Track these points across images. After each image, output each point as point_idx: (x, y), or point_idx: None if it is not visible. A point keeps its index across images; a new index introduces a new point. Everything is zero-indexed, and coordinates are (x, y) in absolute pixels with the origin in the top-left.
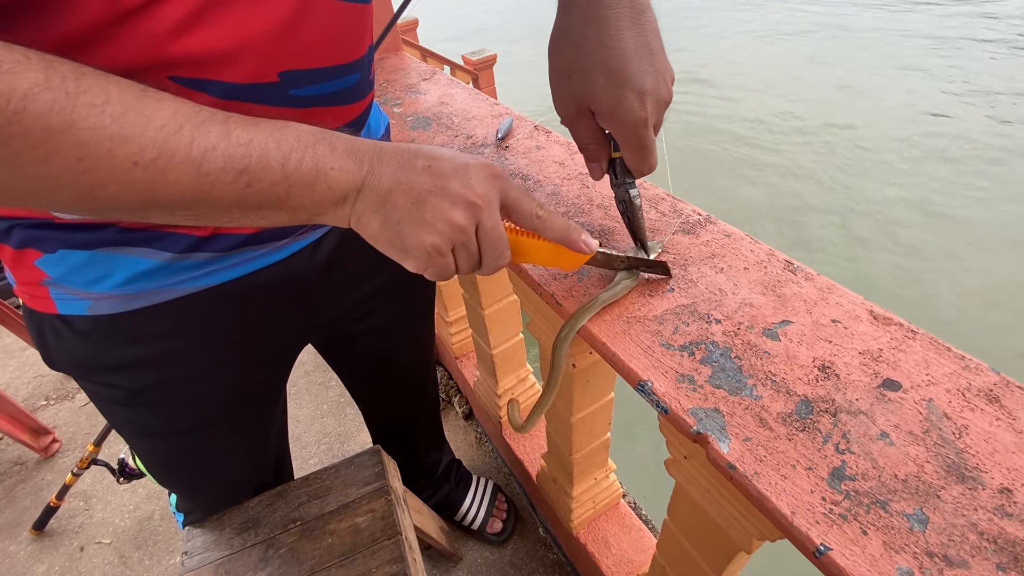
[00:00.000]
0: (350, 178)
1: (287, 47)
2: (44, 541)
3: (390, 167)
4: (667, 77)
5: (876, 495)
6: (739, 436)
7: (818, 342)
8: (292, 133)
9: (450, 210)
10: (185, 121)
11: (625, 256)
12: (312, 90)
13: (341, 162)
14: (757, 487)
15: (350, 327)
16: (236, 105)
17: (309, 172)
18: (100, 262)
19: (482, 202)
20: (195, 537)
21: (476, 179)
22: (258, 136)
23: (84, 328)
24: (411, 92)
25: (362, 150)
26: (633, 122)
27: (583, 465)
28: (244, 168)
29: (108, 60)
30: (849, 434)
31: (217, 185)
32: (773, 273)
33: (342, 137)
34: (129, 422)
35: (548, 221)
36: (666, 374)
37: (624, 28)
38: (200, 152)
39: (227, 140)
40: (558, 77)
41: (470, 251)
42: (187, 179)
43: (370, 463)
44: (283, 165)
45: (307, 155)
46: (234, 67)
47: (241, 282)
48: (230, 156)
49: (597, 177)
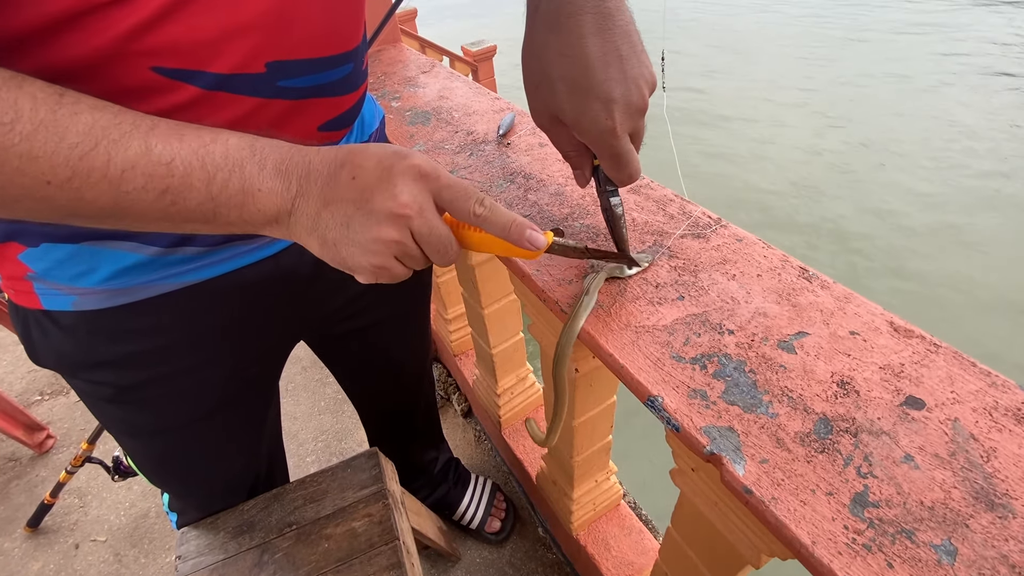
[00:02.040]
0: (279, 201)
1: (274, 37)
2: (39, 538)
3: (317, 185)
4: (641, 83)
5: (901, 524)
6: (755, 457)
7: (836, 355)
8: (220, 149)
9: (378, 229)
10: (102, 137)
11: (584, 247)
12: (301, 81)
13: (269, 183)
14: (775, 514)
15: (343, 325)
16: (221, 96)
17: (236, 194)
18: (85, 256)
19: (410, 211)
20: (189, 541)
21: (401, 186)
22: (182, 153)
23: (69, 324)
24: (410, 85)
25: (291, 167)
26: (599, 133)
27: (584, 468)
28: (166, 188)
29: (83, 49)
30: (871, 456)
31: (139, 203)
32: (788, 281)
33: (274, 151)
34: (118, 420)
35: (488, 219)
36: (677, 389)
37: (587, 35)
38: (117, 171)
39: (147, 158)
40: (528, 87)
41: (414, 256)
42: (106, 197)
43: (367, 466)
44: (208, 186)
45: (233, 176)
46: (218, 57)
47: (230, 278)
48: (151, 175)
49: (582, 184)
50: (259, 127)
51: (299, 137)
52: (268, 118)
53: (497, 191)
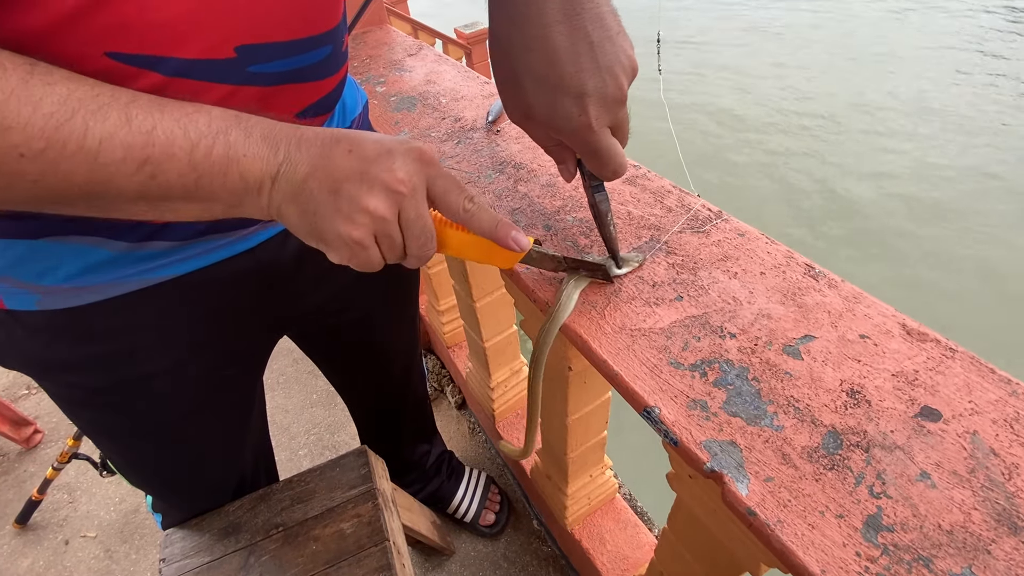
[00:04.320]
0: (264, 166)
1: (243, 18)
2: (28, 535)
3: (308, 153)
4: (617, 71)
5: (918, 550)
6: (759, 475)
7: (845, 361)
8: (203, 118)
9: (367, 197)
10: (79, 107)
11: (562, 257)
12: (274, 66)
13: (255, 149)
14: (781, 538)
15: (327, 320)
16: (187, 84)
17: (220, 160)
18: (45, 253)
19: (405, 188)
20: (173, 543)
21: (400, 163)
22: (163, 122)
23: (34, 324)
24: (395, 69)
25: (279, 136)
26: (573, 130)
27: (578, 463)
28: (146, 158)
29: (24, 31)
30: (884, 474)
31: (117, 176)
32: (793, 279)
33: (261, 122)
34: (92, 422)
35: (476, 215)
36: (675, 399)
37: (551, 24)
38: (95, 141)
39: (127, 127)
40: (497, 84)
41: (394, 240)
42: (81, 170)
43: (356, 464)
44: (191, 154)
45: (218, 142)
46: (181, 41)
47: (204, 273)
48: (130, 145)
49: (568, 179)
50: None
51: None
52: (240, 106)
53: (486, 181)
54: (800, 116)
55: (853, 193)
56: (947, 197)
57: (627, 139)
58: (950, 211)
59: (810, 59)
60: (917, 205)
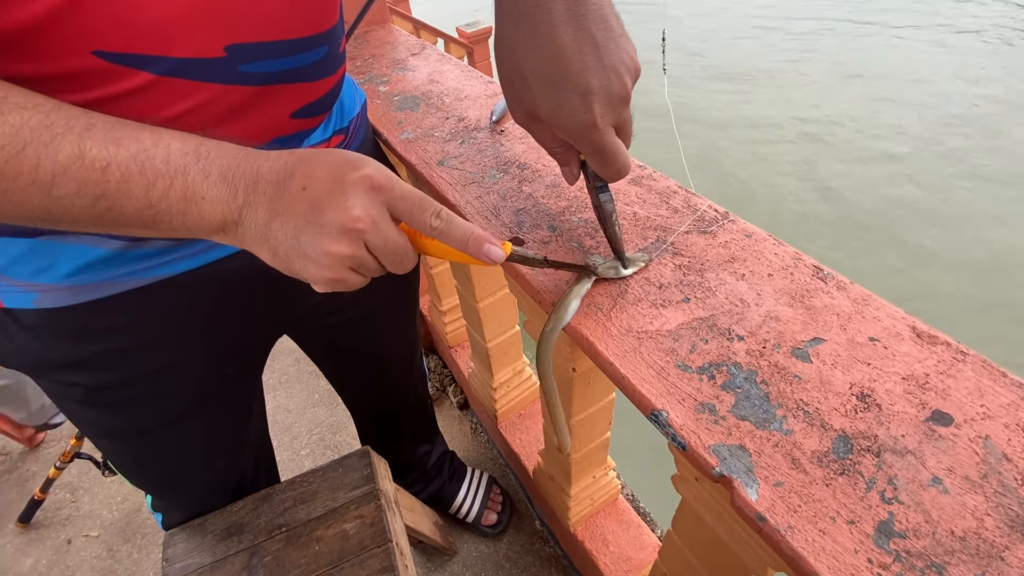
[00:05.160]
0: (224, 210)
1: (234, 18)
2: (31, 534)
3: (265, 195)
4: (621, 70)
5: (931, 557)
6: (769, 480)
7: (855, 364)
8: (160, 154)
9: (328, 243)
10: (31, 138)
11: (543, 258)
12: (265, 66)
13: (214, 191)
14: (791, 544)
15: (326, 319)
16: (177, 83)
17: (178, 200)
18: (43, 251)
19: (363, 224)
20: (176, 544)
21: (353, 199)
22: (119, 157)
23: (32, 323)
24: (399, 69)
25: (238, 175)
26: (578, 128)
27: (581, 465)
28: (101, 194)
29: (10, 28)
30: (896, 479)
31: (72, 208)
32: (801, 281)
33: (220, 156)
34: (90, 421)
35: (445, 232)
36: (683, 402)
37: (557, 24)
38: (48, 175)
39: (80, 162)
40: (502, 84)
41: (369, 267)
42: (35, 201)
43: (359, 465)
44: (147, 192)
45: (176, 182)
46: (170, 40)
47: (203, 272)
48: (84, 180)
49: (571, 182)
50: (219, 115)
51: (270, 125)
52: (230, 106)
53: (490, 181)
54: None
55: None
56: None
57: (631, 139)
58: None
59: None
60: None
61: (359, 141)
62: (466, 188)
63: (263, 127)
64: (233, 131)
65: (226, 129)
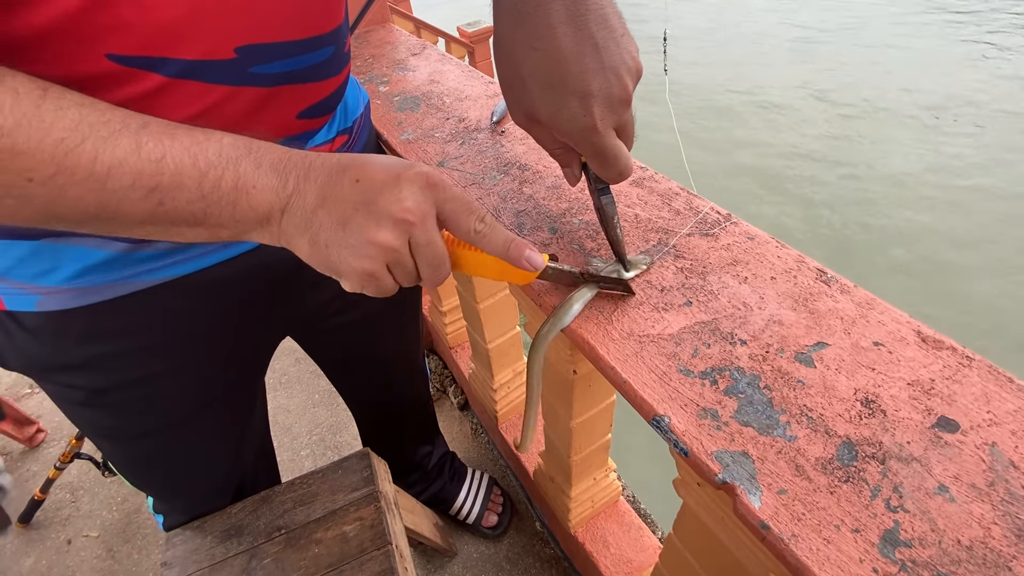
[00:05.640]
0: (273, 197)
1: (244, 18)
2: (31, 534)
3: (316, 183)
4: (622, 71)
5: (937, 566)
6: (772, 488)
7: (859, 369)
8: (214, 147)
9: (376, 230)
10: (89, 133)
11: (579, 272)
12: (276, 67)
13: (265, 180)
14: (796, 553)
15: (329, 320)
16: (189, 85)
17: (229, 190)
18: (46, 254)
19: (413, 217)
20: (175, 546)
21: (408, 191)
22: (173, 150)
23: (34, 325)
24: (399, 69)
25: (289, 166)
26: (579, 131)
27: (582, 467)
28: (155, 186)
29: (25, 32)
30: (901, 487)
31: (125, 202)
32: (804, 284)
33: (271, 151)
34: (92, 423)
35: (487, 236)
36: (685, 407)
37: (557, 25)
38: (104, 168)
39: (137, 155)
40: (502, 86)
41: (406, 268)
42: (90, 196)
43: (359, 467)
44: (200, 183)
45: (227, 172)
46: (181, 43)
47: (205, 274)
48: (139, 173)
49: (572, 183)
50: (231, 117)
51: (276, 125)
52: (241, 107)
53: (490, 183)
54: None
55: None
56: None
57: (632, 141)
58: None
59: None
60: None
61: (363, 142)
62: (466, 189)
63: (270, 127)
64: (242, 132)
65: (236, 130)
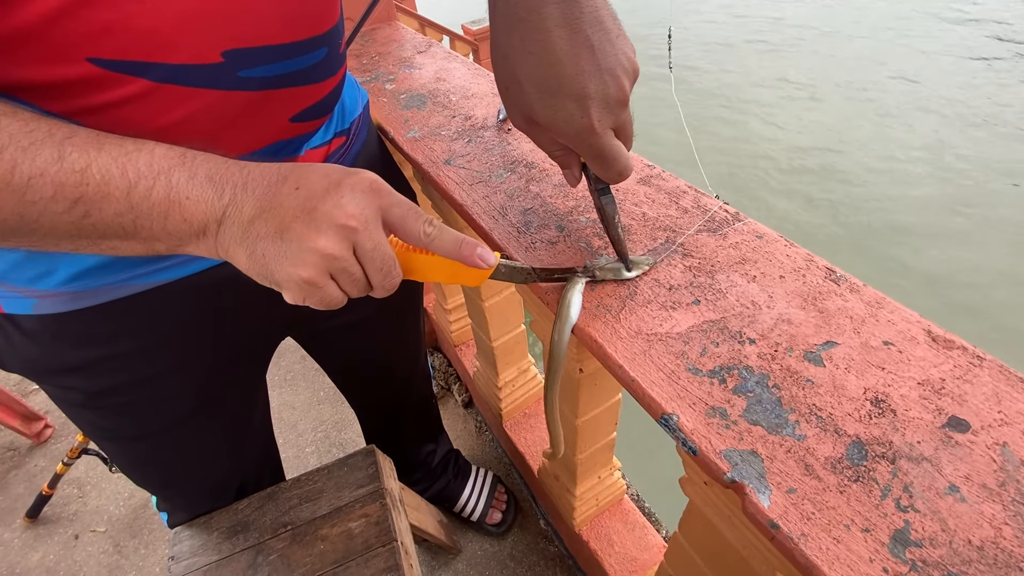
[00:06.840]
0: (208, 209)
1: (230, 22)
2: (38, 529)
3: (253, 194)
4: (618, 72)
5: (948, 567)
6: (781, 487)
7: (869, 369)
8: (144, 157)
9: (316, 237)
10: (9, 143)
11: (531, 268)
12: (264, 71)
13: (199, 191)
14: (805, 553)
15: (329, 321)
16: (175, 90)
17: (160, 202)
18: (41, 257)
19: (356, 223)
20: (182, 541)
21: (349, 197)
22: (99, 160)
23: (31, 328)
24: (405, 67)
25: (226, 176)
26: (576, 133)
27: (587, 465)
28: (79, 197)
29: (3, 33)
30: (912, 487)
31: (47, 215)
32: (813, 283)
33: (207, 161)
34: (91, 424)
35: (438, 238)
36: (694, 406)
37: (552, 28)
38: (23, 179)
39: (59, 165)
40: (499, 89)
41: (353, 276)
42: (8, 207)
43: (364, 464)
44: (128, 194)
45: (158, 183)
46: (166, 46)
47: (203, 277)
48: (61, 184)
49: (573, 184)
50: (220, 122)
51: (270, 129)
52: (230, 112)
53: (497, 181)
54: None
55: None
56: None
57: (631, 140)
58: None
59: None
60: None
61: (361, 142)
62: (473, 187)
63: (263, 132)
64: (233, 137)
65: (226, 135)
